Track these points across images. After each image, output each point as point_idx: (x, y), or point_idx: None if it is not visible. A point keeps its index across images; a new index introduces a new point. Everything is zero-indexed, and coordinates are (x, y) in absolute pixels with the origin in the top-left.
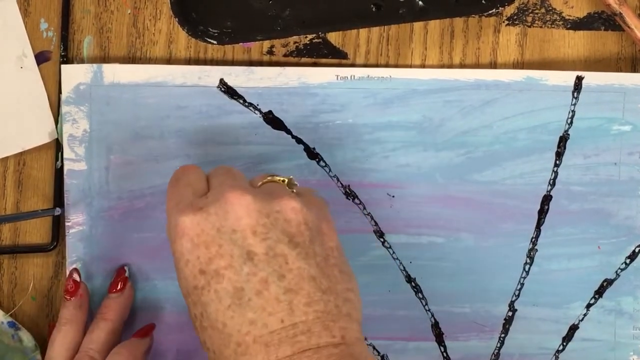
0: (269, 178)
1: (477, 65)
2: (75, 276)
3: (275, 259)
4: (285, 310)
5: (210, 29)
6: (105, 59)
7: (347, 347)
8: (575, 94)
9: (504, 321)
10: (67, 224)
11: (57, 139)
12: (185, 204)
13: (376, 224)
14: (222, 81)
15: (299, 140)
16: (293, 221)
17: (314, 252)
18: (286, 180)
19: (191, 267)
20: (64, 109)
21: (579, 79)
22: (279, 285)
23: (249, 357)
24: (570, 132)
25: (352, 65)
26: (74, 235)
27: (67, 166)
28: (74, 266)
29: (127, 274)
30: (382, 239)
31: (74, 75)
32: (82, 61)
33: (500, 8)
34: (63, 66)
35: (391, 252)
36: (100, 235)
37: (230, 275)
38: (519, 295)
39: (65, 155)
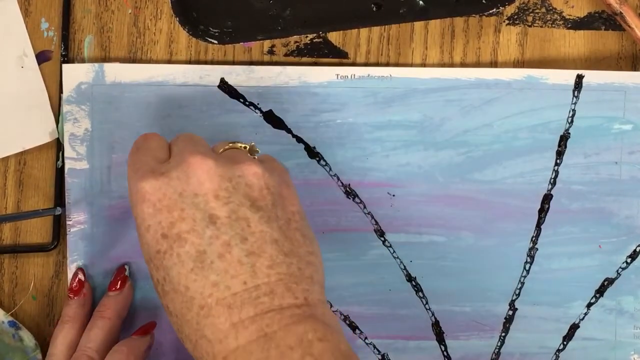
0: (230, 144)
1: (478, 65)
2: (81, 276)
3: (237, 222)
4: (247, 272)
5: (211, 29)
6: (105, 58)
7: (309, 308)
8: (576, 92)
9: (504, 320)
10: (68, 222)
11: (57, 139)
12: (146, 170)
13: (376, 223)
14: (222, 80)
15: (299, 139)
16: (255, 185)
17: (276, 215)
18: (248, 146)
19: (153, 232)
20: (65, 108)
21: (580, 78)
22: (242, 248)
23: (212, 319)
24: (570, 131)
25: (353, 64)
26: (75, 234)
27: (69, 165)
28: (77, 264)
29: (127, 273)
30: (382, 238)
31: (75, 74)
32: (82, 61)
33: (500, 8)
34: (64, 65)
35: (391, 251)
36: (101, 234)
37: (192, 238)
38: (519, 295)
39: (66, 154)
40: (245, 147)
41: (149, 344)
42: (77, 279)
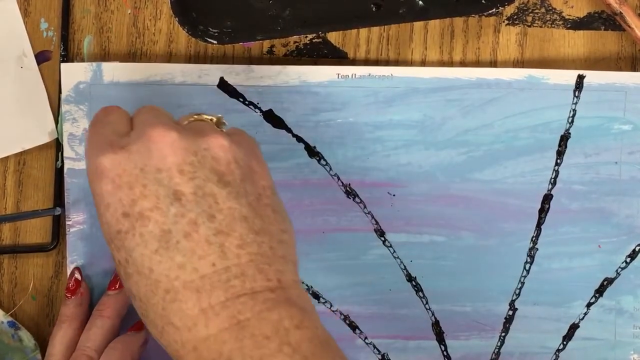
0: (195, 117)
1: (478, 65)
2: (77, 275)
3: (204, 198)
4: (216, 253)
5: (211, 29)
6: (105, 58)
7: (283, 291)
8: (577, 92)
9: (504, 320)
10: (67, 222)
11: (57, 139)
12: (104, 144)
13: (377, 222)
14: (222, 80)
15: (300, 139)
16: (222, 159)
17: (245, 191)
18: (214, 118)
19: (113, 210)
20: (64, 107)
21: (581, 78)
22: (209, 226)
23: (179, 304)
24: (571, 131)
25: (352, 64)
26: (74, 234)
27: (68, 165)
28: (76, 264)
29: None
30: (382, 238)
31: (73, 74)
32: (82, 61)
33: (500, 8)
34: (63, 65)
35: (392, 251)
36: (101, 234)
37: (156, 217)
38: (519, 294)
39: (65, 155)
40: (211, 120)
41: (144, 339)
42: (73, 278)
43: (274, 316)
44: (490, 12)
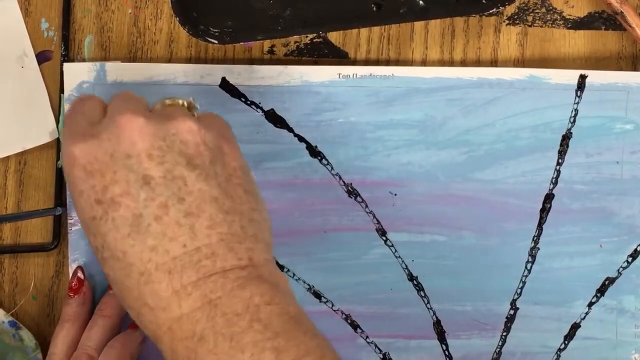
0: (167, 102)
1: (478, 65)
2: (80, 274)
3: (173, 182)
4: (186, 234)
5: (211, 29)
6: (106, 58)
7: (254, 269)
8: (579, 92)
9: (505, 319)
10: (69, 221)
11: (58, 138)
12: (77, 132)
13: (378, 222)
14: (224, 80)
15: (301, 139)
16: (190, 142)
17: (215, 172)
18: (186, 103)
19: (86, 197)
20: (67, 107)
21: (583, 78)
22: (179, 208)
23: (152, 286)
24: (573, 130)
25: (353, 64)
26: (76, 233)
27: None
28: (78, 263)
29: None
30: (384, 237)
31: (76, 73)
32: (83, 61)
33: (500, 7)
34: (65, 64)
35: (393, 251)
36: None
37: (127, 202)
38: (520, 294)
39: None
40: (183, 104)
41: (143, 337)
42: (76, 277)
43: (245, 293)
44: (490, 11)
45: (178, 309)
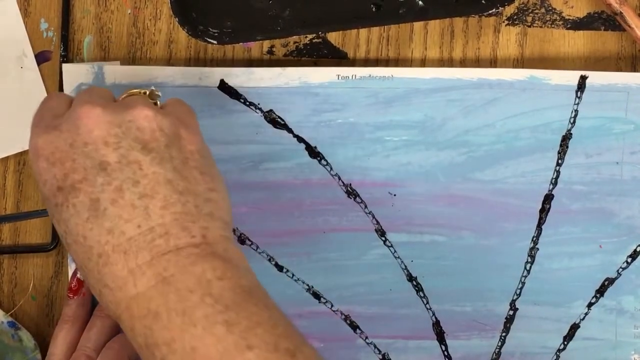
0: (130, 91)
1: (478, 65)
2: (79, 275)
3: (128, 166)
4: (141, 215)
5: (211, 29)
6: (105, 59)
7: (208, 246)
8: (579, 93)
9: (505, 320)
10: None
11: None
12: (41, 126)
13: (377, 222)
14: (222, 82)
15: (300, 139)
16: (146, 129)
17: (170, 156)
18: (147, 91)
19: (49, 185)
20: None
21: (583, 79)
22: (134, 191)
23: (110, 267)
24: (572, 131)
25: (352, 65)
26: None
27: None
28: (70, 266)
29: None
30: (383, 238)
31: (75, 74)
32: (82, 61)
33: (500, 8)
34: (64, 65)
35: (392, 251)
36: None
37: (85, 187)
38: (520, 294)
39: None
40: (145, 93)
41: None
42: (75, 278)
43: (197, 270)
44: (490, 12)
45: (134, 288)
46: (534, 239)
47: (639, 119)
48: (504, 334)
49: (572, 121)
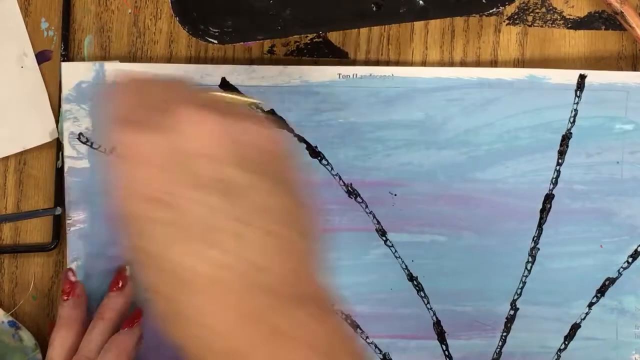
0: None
1: (478, 65)
2: (71, 276)
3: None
4: None
5: (211, 29)
6: (105, 58)
7: None
8: (578, 92)
9: (505, 320)
10: (67, 221)
11: (57, 139)
12: None
13: (378, 222)
14: (224, 80)
15: (301, 139)
16: None
17: None
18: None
19: None
20: (64, 106)
21: (582, 78)
22: None
23: None
24: (572, 130)
25: (353, 64)
26: (74, 233)
27: (68, 164)
28: (77, 264)
29: (128, 273)
30: (384, 238)
31: (74, 73)
32: (82, 60)
33: (500, 7)
34: (63, 64)
35: (393, 251)
36: (101, 233)
37: None
38: (520, 294)
39: (66, 153)
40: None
41: (138, 336)
42: (67, 280)
43: None
44: (490, 11)
45: None
46: (535, 238)
47: (639, 119)
48: (504, 334)
49: (572, 120)
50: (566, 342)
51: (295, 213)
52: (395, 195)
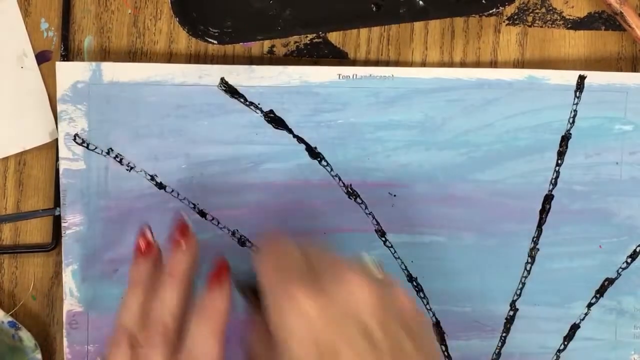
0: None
1: (478, 65)
2: (149, 234)
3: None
4: None
5: (211, 29)
6: (105, 58)
7: None
8: (578, 93)
9: (505, 320)
10: (63, 224)
11: (57, 139)
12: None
13: (378, 223)
14: (222, 80)
15: (301, 140)
16: (407, 310)
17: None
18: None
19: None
20: (60, 107)
21: (582, 79)
22: None
23: None
24: (572, 131)
25: (353, 64)
26: (70, 237)
27: (64, 166)
28: (71, 268)
29: (187, 221)
30: (383, 239)
31: (70, 73)
32: (82, 61)
33: (500, 8)
34: (58, 64)
35: (392, 252)
36: (98, 236)
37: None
38: (520, 295)
39: (61, 155)
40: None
41: (227, 297)
42: (144, 238)
43: None
44: (490, 12)
45: None
46: (534, 239)
47: (638, 119)
48: (504, 335)
49: (571, 121)
50: (565, 343)
51: None
52: (395, 196)
